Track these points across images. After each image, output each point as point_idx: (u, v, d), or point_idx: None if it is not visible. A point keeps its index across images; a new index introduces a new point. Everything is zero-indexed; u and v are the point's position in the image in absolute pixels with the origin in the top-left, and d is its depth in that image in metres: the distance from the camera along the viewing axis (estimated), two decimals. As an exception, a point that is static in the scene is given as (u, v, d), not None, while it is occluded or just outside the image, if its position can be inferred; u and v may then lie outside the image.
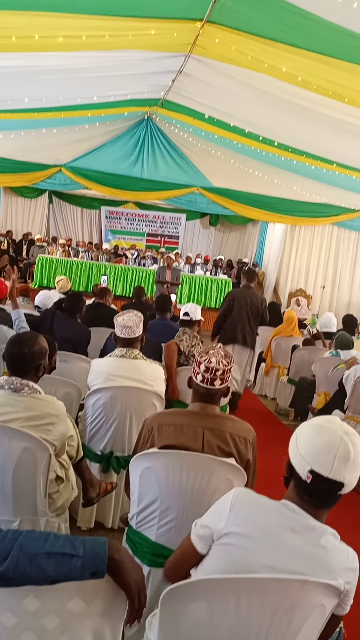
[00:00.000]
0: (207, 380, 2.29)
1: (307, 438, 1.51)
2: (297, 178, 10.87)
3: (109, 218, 16.66)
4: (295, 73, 5.39)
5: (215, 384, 2.29)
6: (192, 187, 12.74)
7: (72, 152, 12.02)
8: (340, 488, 1.46)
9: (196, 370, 2.33)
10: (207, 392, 2.32)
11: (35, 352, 2.43)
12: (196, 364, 2.35)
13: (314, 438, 1.49)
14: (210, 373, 2.28)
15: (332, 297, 13.21)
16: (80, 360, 4.12)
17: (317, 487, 1.47)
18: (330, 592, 1.44)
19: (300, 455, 1.50)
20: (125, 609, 1.36)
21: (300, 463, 1.49)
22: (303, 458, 1.48)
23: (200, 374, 2.30)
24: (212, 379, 2.29)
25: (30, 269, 13.12)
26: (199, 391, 2.34)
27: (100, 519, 3.30)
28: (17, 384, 2.36)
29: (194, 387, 2.37)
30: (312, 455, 1.46)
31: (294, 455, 1.53)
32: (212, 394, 2.32)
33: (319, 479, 1.45)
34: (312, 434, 1.50)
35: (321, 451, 1.45)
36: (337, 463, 1.43)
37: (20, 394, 2.35)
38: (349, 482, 1.45)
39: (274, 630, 1.42)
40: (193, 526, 1.66)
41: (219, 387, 2.31)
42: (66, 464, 2.65)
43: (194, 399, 2.39)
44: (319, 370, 5.67)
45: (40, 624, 1.30)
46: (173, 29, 5.33)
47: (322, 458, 1.44)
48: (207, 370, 2.28)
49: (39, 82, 7.20)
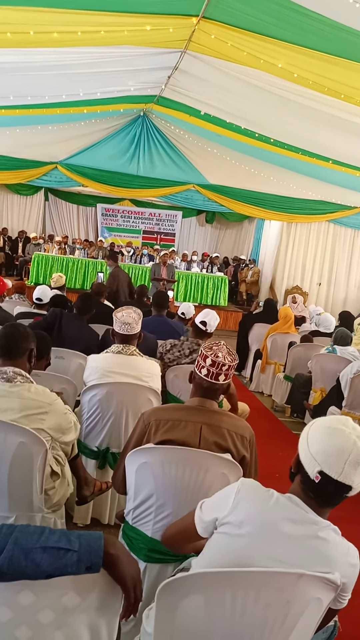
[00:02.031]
0: (212, 374, 2.28)
1: (318, 438, 1.49)
2: (293, 175, 10.88)
3: (105, 215, 16.63)
4: (291, 69, 5.39)
5: (219, 379, 2.29)
6: (188, 185, 12.75)
7: (68, 149, 12.01)
8: (347, 491, 1.45)
9: (201, 364, 2.31)
10: (210, 387, 2.31)
11: (26, 333, 2.43)
12: (202, 357, 2.32)
13: (326, 439, 1.47)
14: (217, 367, 2.27)
15: (328, 294, 13.24)
16: (76, 356, 4.11)
17: (325, 487, 1.46)
18: (327, 586, 1.43)
19: (310, 455, 1.48)
20: (121, 604, 1.36)
21: (310, 462, 1.48)
22: (313, 458, 1.47)
23: (205, 368, 2.29)
24: (218, 373, 2.28)
25: (26, 266, 13.09)
26: (201, 385, 2.32)
27: (97, 515, 3.30)
28: (10, 373, 2.35)
29: (197, 381, 2.35)
30: (322, 457, 1.45)
31: (304, 454, 1.52)
32: (215, 389, 2.31)
33: (328, 480, 1.44)
34: (324, 435, 1.49)
35: (333, 454, 1.44)
36: (347, 467, 1.42)
37: (13, 383, 2.34)
38: (357, 486, 1.45)
39: (270, 623, 1.42)
40: (198, 507, 1.68)
41: (222, 383, 2.30)
42: (62, 460, 2.65)
43: (193, 394, 2.38)
44: (315, 367, 5.68)
45: (36, 618, 1.29)
46: (169, 25, 5.32)
47: (332, 461, 1.43)
48: (213, 364, 2.27)
49: (34, 78, 7.19)
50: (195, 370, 2.35)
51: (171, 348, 4.28)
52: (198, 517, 1.64)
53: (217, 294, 12.48)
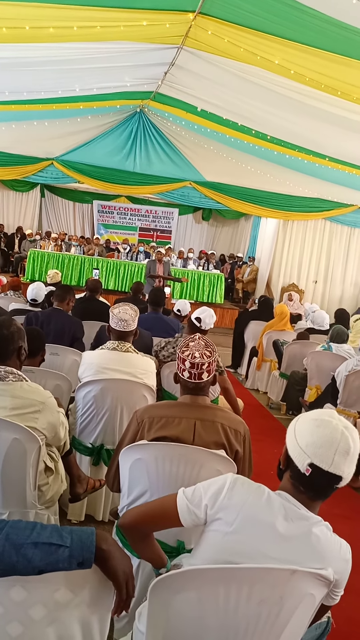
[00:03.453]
0: (194, 375, 2.27)
1: (307, 431, 1.50)
2: (290, 173, 10.88)
3: (101, 212, 16.59)
4: (288, 66, 5.37)
5: (203, 377, 2.28)
6: (184, 181, 12.73)
7: (64, 145, 11.98)
8: (338, 481, 1.46)
9: (181, 367, 2.30)
10: (196, 386, 2.31)
11: (14, 332, 2.37)
12: (180, 360, 2.31)
13: (314, 432, 1.48)
14: (197, 368, 2.26)
15: (324, 292, 13.25)
16: (71, 353, 4.10)
17: (316, 480, 1.47)
18: (320, 582, 1.43)
19: (300, 449, 1.49)
20: (113, 600, 1.35)
21: (299, 456, 1.49)
22: (303, 451, 1.48)
23: (186, 371, 2.27)
24: (199, 373, 2.26)
25: (21, 263, 13.06)
26: (187, 386, 2.32)
27: (91, 512, 3.29)
28: (2, 372, 2.33)
29: (182, 383, 2.35)
30: (312, 449, 1.46)
31: (293, 448, 1.52)
32: (202, 387, 2.31)
33: (319, 472, 1.45)
34: (312, 427, 1.49)
35: (322, 445, 1.45)
36: (337, 457, 1.43)
37: (6, 382, 2.32)
38: (347, 476, 1.46)
39: (263, 619, 1.42)
40: (182, 494, 1.60)
41: (207, 379, 2.29)
42: (56, 457, 2.64)
43: (183, 393, 2.37)
44: (310, 364, 5.68)
45: (27, 614, 1.29)
46: (165, 21, 5.30)
47: (322, 452, 1.44)
48: (192, 366, 2.26)
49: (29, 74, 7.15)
50: (178, 374, 2.34)
51: (166, 345, 4.28)
52: (184, 504, 1.57)
53: (214, 291, 12.48)
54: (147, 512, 1.68)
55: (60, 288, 4.98)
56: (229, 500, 1.52)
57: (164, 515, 1.62)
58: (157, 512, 1.65)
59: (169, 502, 1.61)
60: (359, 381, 4.77)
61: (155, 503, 1.71)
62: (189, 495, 1.59)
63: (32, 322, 4.40)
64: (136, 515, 1.67)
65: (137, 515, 1.67)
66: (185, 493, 1.60)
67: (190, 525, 1.57)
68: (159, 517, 1.65)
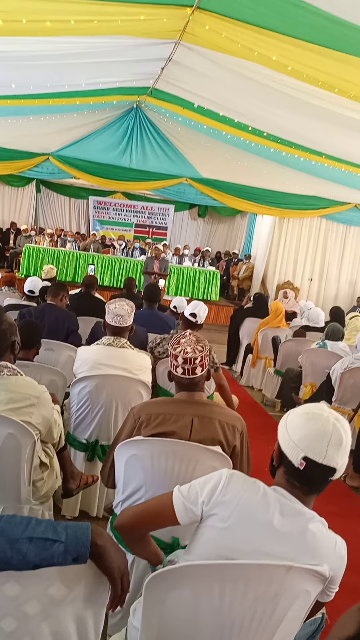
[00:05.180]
0: (187, 371, 2.27)
1: (299, 425, 1.50)
2: (286, 170, 10.88)
3: (97, 208, 16.56)
4: (285, 62, 5.36)
5: (196, 372, 2.28)
6: (180, 178, 12.71)
7: (60, 141, 11.93)
8: (332, 473, 1.47)
9: (174, 364, 2.30)
10: (190, 382, 2.30)
11: (5, 329, 2.36)
12: (172, 357, 2.31)
13: (306, 425, 1.49)
14: (189, 364, 2.26)
15: (320, 290, 13.27)
16: (65, 348, 4.09)
17: (310, 473, 1.47)
18: (315, 578, 1.43)
19: (293, 443, 1.49)
20: (108, 595, 1.34)
21: (293, 450, 1.49)
22: (296, 445, 1.48)
23: (179, 367, 2.27)
24: (193, 368, 2.26)
25: (16, 258, 13.01)
26: (182, 382, 2.32)
27: (85, 507, 3.28)
28: None
29: (176, 380, 2.34)
30: (305, 442, 1.46)
31: (286, 443, 1.52)
32: (196, 382, 2.30)
33: (313, 465, 1.46)
34: (303, 421, 1.50)
35: (315, 438, 1.46)
36: (330, 449, 1.44)
37: (0, 376, 2.31)
38: (340, 467, 1.47)
39: (258, 616, 1.41)
40: (177, 492, 1.59)
41: (201, 374, 2.29)
42: (50, 452, 2.63)
43: (178, 390, 2.36)
44: (305, 362, 5.68)
45: (21, 609, 1.27)
46: (163, 15, 5.27)
47: (316, 445, 1.45)
48: (185, 361, 2.26)
49: (26, 68, 7.10)
50: (171, 371, 2.34)
51: (161, 341, 4.27)
52: (180, 502, 1.57)
53: (209, 288, 12.47)
54: (142, 513, 1.66)
55: (54, 284, 4.99)
56: (224, 496, 1.52)
57: (159, 515, 1.62)
58: (153, 512, 1.64)
59: (165, 501, 1.60)
60: (353, 379, 4.77)
61: (150, 503, 1.69)
62: (185, 493, 1.58)
63: (25, 317, 4.38)
64: (132, 516, 1.66)
65: (132, 516, 1.66)
66: (180, 491, 1.59)
67: (186, 523, 1.57)
68: (155, 517, 1.64)
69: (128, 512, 1.69)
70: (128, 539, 1.69)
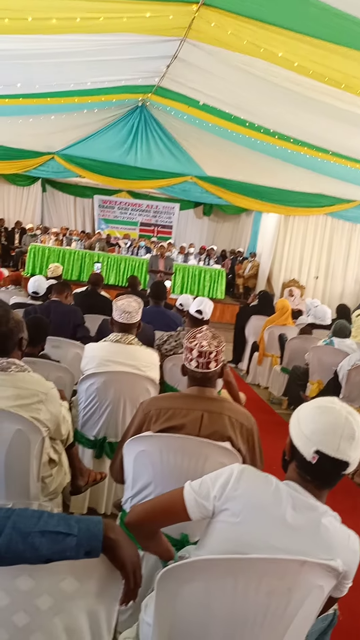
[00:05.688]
0: (201, 364, 2.26)
1: (311, 419, 1.49)
2: (291, 168, 10.84)
3: (102, 207, 16.55)
4: (291, 58, 5.33)
5: (210, 366, 2.27)
6: (186, 176, 12.67)
7: (65, 140, 11.93)
8: (345, 467, 1.46)
9: (189, 357, 2.30)
10: (203, 376, 2.30)
11: (13, 327, 2.35)
12: (187, 350, 2.30)
13: (318, 418, 1.48)
14: (205, 357, 2.25)
15: (325, 288, 13.21)
16: (72, 345, 4.09)
17: (323, 467, 1.46)
18: (329, 573, 1.42)
19: (305, 437, 1.48)
20: (121, 589, 1.34)
21: (305, 444, 1.48)
22: (308, 439, 1.47)
23: (194, 360, 2.27)
24: (207, 362, 2.26)
25: (22, 257, 13.02)
26: (195, 377, 2.31)
27: (94, 504, 3.28)
28: (4, 364, 2.32)
29: (189, 374, 2.34)
30: (318, 436, 1.45)
31: (298, 437, 1.51)
32: (209, 377, 2.30)
33: (325, 459, 1.45)
34: (316, 414, 1.49)
35: (327, 431, 1.45)
36: (343, 443, 1.43)
37: (8, 372, 2.31)
38: (353, 461, 1.46)
39: (271, 610, 1.40)
40: (188, 487, 1.58)
41: (214, 369, 2.28)
42: (59, 449, 2.63)
43: (190, 384, 2.36)
44: (312, 359, 5.66)
45: (34, 603, 1.27)
46: (169, 12, 5.26)
47: (328, 438, 1.44)
48: (200, 355, 2.26)
49: (31, 67, 7.11)
50: (185, 364, 2.33)
51: (168, 339, 4.26)
52: (192, 497, 1.56)
53: (214, 286, 12.45)
54: (153, 509, 1.65)
55: (58, 283, 5.03)
56: (235, 491, 1.51)
57: (171, 511, 1.60)
58: (164, 508, 1.63)
59: (176, 497, 1.59)
60: (360, 376, 4.76)
61: (161, 499, 1.68)
62: (196, 488, 1.57)
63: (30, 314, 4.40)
64: (142, 512, 1.64)
65: (143, 512, 1.64)
66: (192, 486, 1.58)
67: (198, 518, 1.55)
68: (166, 513, 1.62)
69: (139, 508, 1.67)
70: (139, 535, 1.68)
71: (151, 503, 1.70)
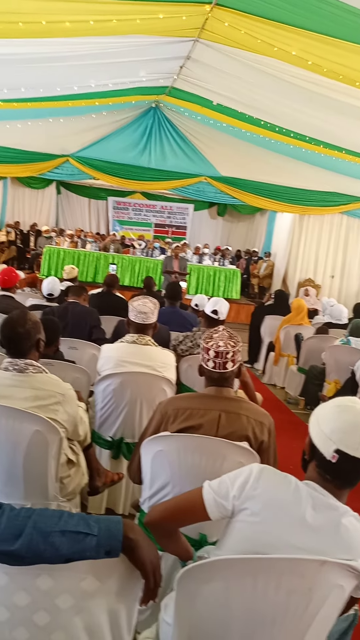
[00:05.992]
0: (218, 365, 2.26)
1: (331, 418, 1.49)
2: (306, 166, 10.80)
3: (116, 209, 16.63)
4: (305, 56, 5.32)
5: (227, 367, 2.26)
6: (200, 177, 12.67)
7: (79, 142, 12.00)
8: None
9: (205, 357, 2.29)
10: (220, 377, 2.29)
11: (30, 328, 2.36)
12: (204, 350, 2.30)
13: (339, 417, 1.47)
14: (222, 357, 2.25)
15: (341, 287, 13.11)
16: (89, 347, 4.10)
17: (343, 466, 1.45)
18: (350, 574, 1.41)
19: (325, 436, 1.47)
20: (141, 589, 1.34)
21: (325, 443, 1.47)
22: (328, 438, 1.46)
23: (210, 360, 2.27)
24: (224, 362, 2.25)
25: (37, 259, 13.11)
26: (212, 377, 2.31)
27: (111, 505, 3.28)
28: (22, 365, 2.33)
29: (207, 374, 2.33)
30: (338, 435, 1.44)
31: (318, 436, 1.50)
32: (226, 377, 2.29)
33: (345, 458, 1.43)
34: (336, 413, 1.48)
35: (348, 430, 1.44)
36: None
37: (26, 374, 2.32)
38: None
39: (291, 610, 1.40)
40: (207, 487, 1.58)
41: (232, 369, 2.27)
42: (77, 450, 2.64)
43: (207, 384, 2.35)
44: (329, 358, 5.62)
45: (54, 603, 1.28)
46: (182, 13, 5.27)
47: (348, 437, 1.43)
48: (217, 355, 2.25)
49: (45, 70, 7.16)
50: (202, 364, 2.33)
51: (184, 339, 4.26)
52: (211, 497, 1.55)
53: (229, 286, 12.44)
54: (172, 508, 1.65)
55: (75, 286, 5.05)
56: (254, 491, 1.50)
57: (190, 510, 1.60)
58: (183, 507, 1.63)
59: (195, 496, 1.59)
60: (379, 375, 4.71)
61: (180, 498, 1.68)
62: (215, 488, 1.57)
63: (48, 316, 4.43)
64: (162, 511, 1.65)
65: (162, 511, 1.65)
66: (211, 486, 1.58)
67: (217, 518, 1.55)
68: (185, 512, 1.62)
69: (158, 508, 1.68)
70: (158, 535, 1.68)
71: (170, 503, 1.70)
